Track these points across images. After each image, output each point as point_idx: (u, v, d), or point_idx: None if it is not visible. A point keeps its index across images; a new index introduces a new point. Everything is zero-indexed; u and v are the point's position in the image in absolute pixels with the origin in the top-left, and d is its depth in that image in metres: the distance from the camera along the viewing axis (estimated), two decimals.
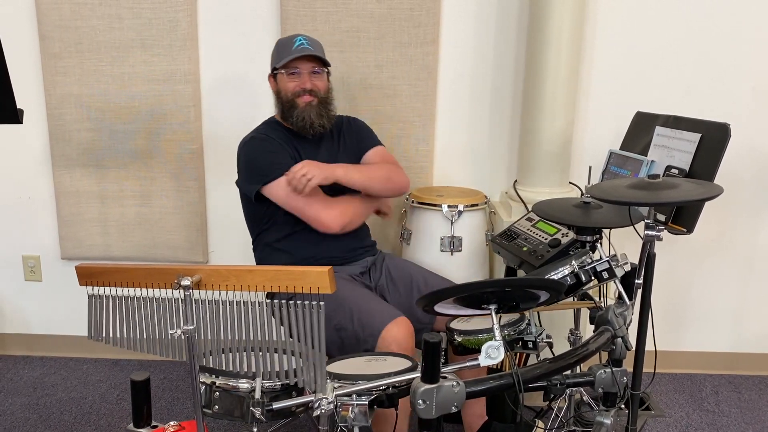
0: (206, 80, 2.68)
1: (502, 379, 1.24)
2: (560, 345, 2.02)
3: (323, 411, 1.40)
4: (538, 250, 1.92)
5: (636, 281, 1.74)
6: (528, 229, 2.08)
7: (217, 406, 1.52)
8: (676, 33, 2.55)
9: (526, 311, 1.71)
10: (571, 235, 1.88)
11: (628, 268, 1.70)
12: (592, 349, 1.36)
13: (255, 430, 1.50)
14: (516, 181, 2.54)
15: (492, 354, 1.32)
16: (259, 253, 2.22)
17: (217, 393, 1.51)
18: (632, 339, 1.49)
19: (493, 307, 1.34)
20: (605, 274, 1.64)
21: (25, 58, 2.67)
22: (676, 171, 1.87)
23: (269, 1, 2.59)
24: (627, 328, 1.44)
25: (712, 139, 1.79)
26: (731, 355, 2.84)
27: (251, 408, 1.46)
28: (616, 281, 1.66)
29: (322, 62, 2.13)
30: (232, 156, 2.16)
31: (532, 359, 1.80)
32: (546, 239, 1.95)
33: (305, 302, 1.36)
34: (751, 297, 2.79)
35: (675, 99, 2.59)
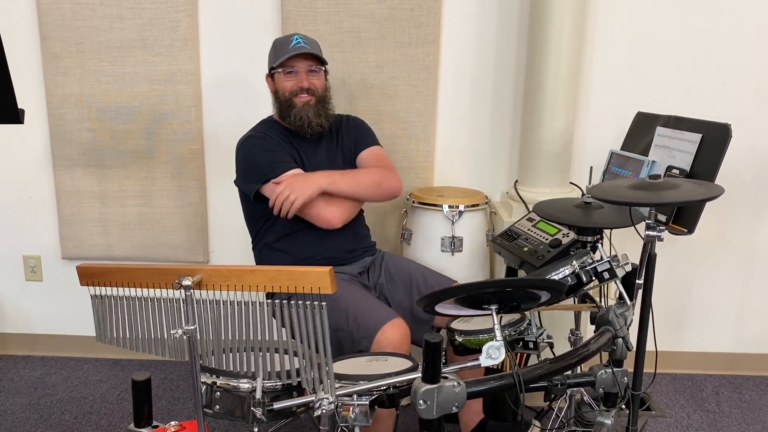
0: (207, 80, 2.68)
1: (503, 379, 1.24)
2: (561, 345, 2.02)
3: (324, 411, 1.40)
4: (539, 250, 1.92)
5: (637, 281, 1.74)
6: (529, 229, 2.08)
7: (218, 406, 1.52)
8: (677, 33, 2.55)
9: (526, 311, 1.71)
10: (572, 235, 1.87)
11: (628, 268, 1.70)
12: (593, 349, 1.36)
13: (256, 430, 1.50)
14: (517, 181, 2.54)
15: (493, 354, 1.32)
16: (259, 252, 2.22)
17: (218, 393, 1.52)
18: (633, 339, 1.49)
19: (493, 307, 1.34)
20: (606, 275, 1.64)
21: (26, 58, 2.67)
22: (676, 171, 1.86)
23: (270, 2, 2.59)
24: (628, 329, 1.44)
25: (713, 139, 1.79)
26: (732, 355, 2.84)
27: (252, 408, 1.46)
28: (617, 281, 1.66)
29: (319, 60, 2.12)
30: (233, 156, 2.15)
31: (533, 359, 1.80)
32: (547, 239, 1.95)
33: (306, 302, 1.36)
34: (752, 297, 2.79)
35: (676, 99, 2.59)
